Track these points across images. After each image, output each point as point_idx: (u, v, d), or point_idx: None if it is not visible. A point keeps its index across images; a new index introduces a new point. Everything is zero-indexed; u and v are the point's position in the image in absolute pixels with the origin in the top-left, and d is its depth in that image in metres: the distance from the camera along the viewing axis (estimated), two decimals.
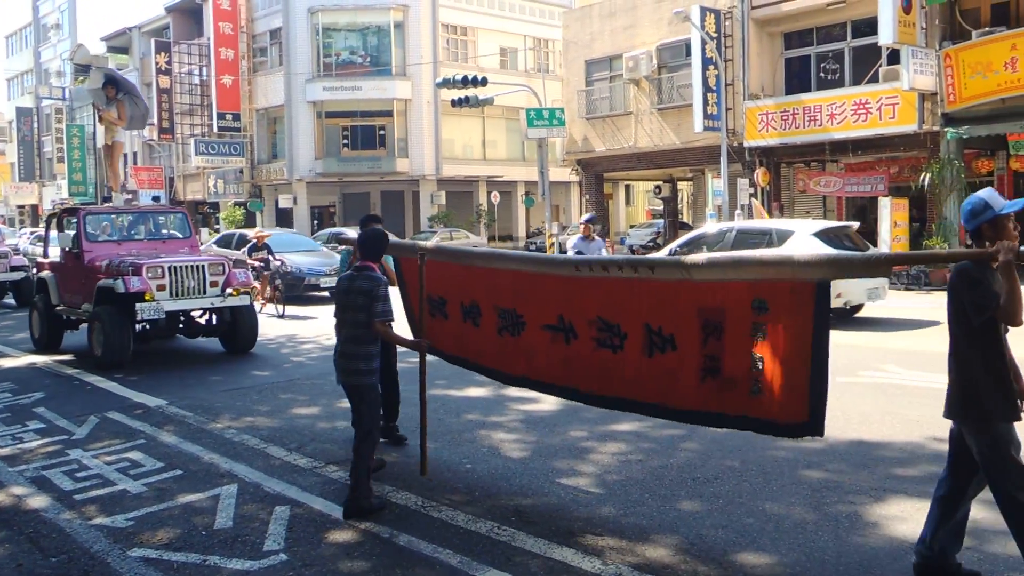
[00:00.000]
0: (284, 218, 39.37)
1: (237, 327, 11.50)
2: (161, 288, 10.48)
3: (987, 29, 17.20)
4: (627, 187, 43.87)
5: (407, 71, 37.92)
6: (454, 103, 28.14)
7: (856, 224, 13.98)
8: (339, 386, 5.54)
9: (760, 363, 4.28)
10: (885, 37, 17.33)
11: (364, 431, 5.36)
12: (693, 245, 13.83)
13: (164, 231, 12.56)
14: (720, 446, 6.54)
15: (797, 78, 22.08)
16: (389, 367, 6.79)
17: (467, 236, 36.24)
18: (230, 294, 10.97)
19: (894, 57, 18.53)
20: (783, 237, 12.83)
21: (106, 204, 12.25)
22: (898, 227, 18.29)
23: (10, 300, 19.63)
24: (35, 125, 62.87)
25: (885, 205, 18.35)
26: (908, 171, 19.72)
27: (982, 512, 5.03)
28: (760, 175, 21.29)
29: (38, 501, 5.69)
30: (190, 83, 43.41)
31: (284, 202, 39.15)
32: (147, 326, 11.02)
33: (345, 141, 38.60)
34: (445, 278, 6.13)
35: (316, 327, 14.51)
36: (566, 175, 32.08)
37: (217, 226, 40.93)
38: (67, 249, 11.69)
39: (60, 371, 10.69)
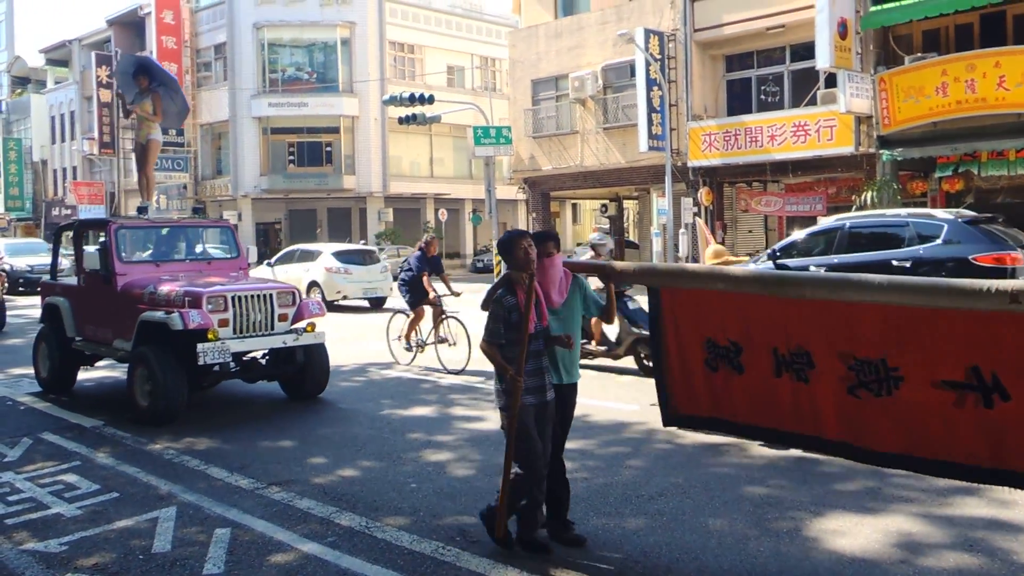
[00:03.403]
0: None
1: (308, 369, 9.30)
2: (223, 323, 8.38)
3: (919, 55, 17.77)
4: (574, 205, 44.21)
5: (354, 88, 37.79)
6: (401, 120, 28.02)
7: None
8: (279, 401, 5.39)
9: None
10: (822, 61, 17.79)
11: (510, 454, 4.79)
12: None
13: (208, 250, 10.46)
14: (664, 463, 6.60)
15: (739, 100, 22.52)
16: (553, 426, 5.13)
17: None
18: (304, 330, 8.94)
19: (831, 81, 19.02)
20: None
21: (142, 217, 10.24)
22: None
23: None
24: None
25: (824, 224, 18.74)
26: (846, 191, 20.21)
27: (917, 526, 5.17)
28: (704, 194, 21.63)
29: None
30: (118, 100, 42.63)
31: (229, 218, 38.61)
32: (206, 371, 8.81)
33: (291, 157, 38.28)
34: (713, 311, 4.47)
35: None
36: (513, 193, 32.22)
37: None
38: (90, 271, 9.43)
39: None
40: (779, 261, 11.54)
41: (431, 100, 26.75)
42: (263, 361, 9.61)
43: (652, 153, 22.09)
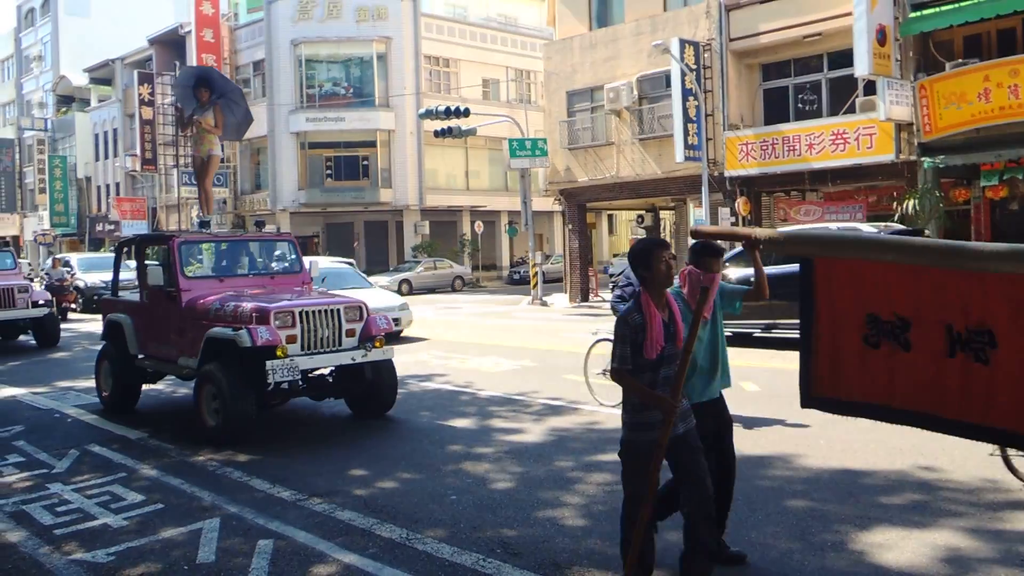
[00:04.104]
0: None
1: (377, 387, 9.02)
2: (291, 339, 8.16)
3: (960, 61, 17.50)
4: (610, 216, 44.14)
5: (390, 102, 38.13)
6: (437, 134, 28.27)
7: None
8: (317, 413, 5.35)
9: None
10: (861, 69, 17.60)
11: (626, 494, 4.35)
12: None
13: (270, 264, 10.20)
14: None
15: (776, 109, 22.34)
16: (720, 444, 4.90)
17: (451, 266, 36.32)
18: (372, 346, 8.65)
19: (870, 88, 18.81)
20: None
21: (204, 231, 10.19)
22: None
23: (29, 339, 17.69)
24: (17, 156, 62.60)
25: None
26: (886, 200, 19.95)
27: (965, 540, 5.07)
28: (741, 204, 21.48)
29: (17, 536, 5.61)
30: (173, 114, 43.34)
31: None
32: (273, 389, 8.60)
33: (328, 171, 38.68)
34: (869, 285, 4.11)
35: None
36: (549, 205, 32.25)
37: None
38: (153, 287, 9.30)
39: (40, 404, 10.57)
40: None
41: (466, 113, 26.95)
42: (329, 378, 9.28)
43: (688, 163, 21.98)
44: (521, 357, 13.59)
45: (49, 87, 61.47)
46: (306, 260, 10.34)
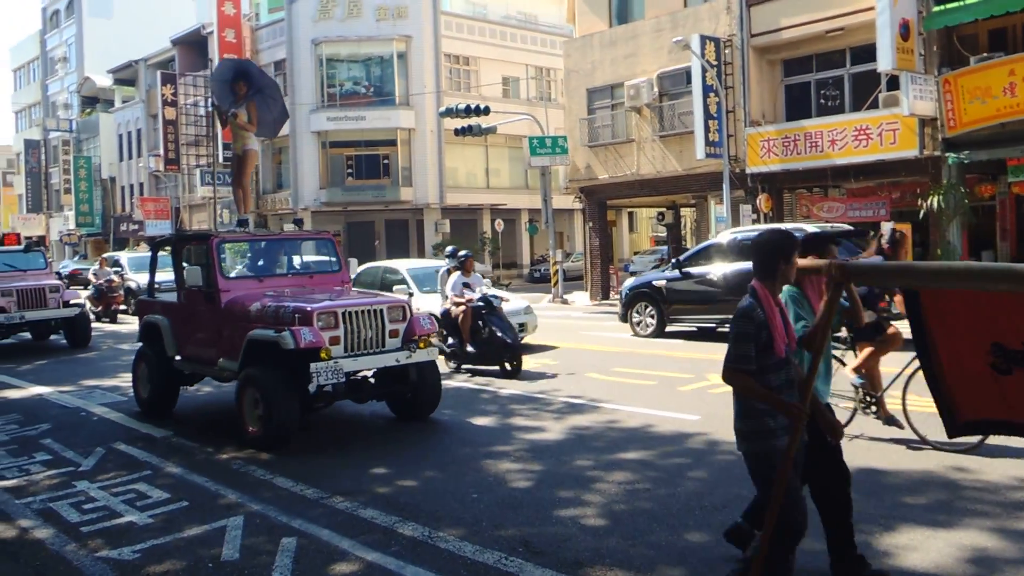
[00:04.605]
0: None
1: (421, 388, 8.76)
2: (335, 341, 7.90)
3: (985, 55, 17.31)
4: (630, 214, 44.01)
5: (410, 101, 38.20)
6: (457, 132, 28.30)
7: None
8: (340, 412, 5.31)
9: None
10: (884, 64, 17.44)
11: (765, 521, 3.93)
12: None
13: (308, 263, 9.96)
14: (728, 474, 6.51)
15: (797, 104, 22.18)
16: (828, 453, 4.61)
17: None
18: (417, 346, 8.40)
19: (893, 83, 18.63)
20: None
21: (243, 230, 9.93)
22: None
23: (60, 339, 17.62)
24: (43, 157, 63.40)
25: (887, 230, 18.36)
26: (910, 196, 19.76)
27: (992, 540, 5.02)
28: (763, 201, 21.35)
29: (45, 533, 5.68)
30: (196, 114, 43.77)
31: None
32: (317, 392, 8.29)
33: (349, 170, 38.82)
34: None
35: None
36: (569, 203, 32.18)
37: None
38: (191, 287, 8.96)
39: (66, 402, 10.69)
40: (685, 270, 15.15)
41: (487, 111, 26.94)
42: (371, 380, 8.93)
43: (709, 160, 21.88)
44: (542, 355, 13.59)
45: (74, 88, 62.15)
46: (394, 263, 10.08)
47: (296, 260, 9.90)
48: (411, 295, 13.15)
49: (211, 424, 9.31)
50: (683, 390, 10.15)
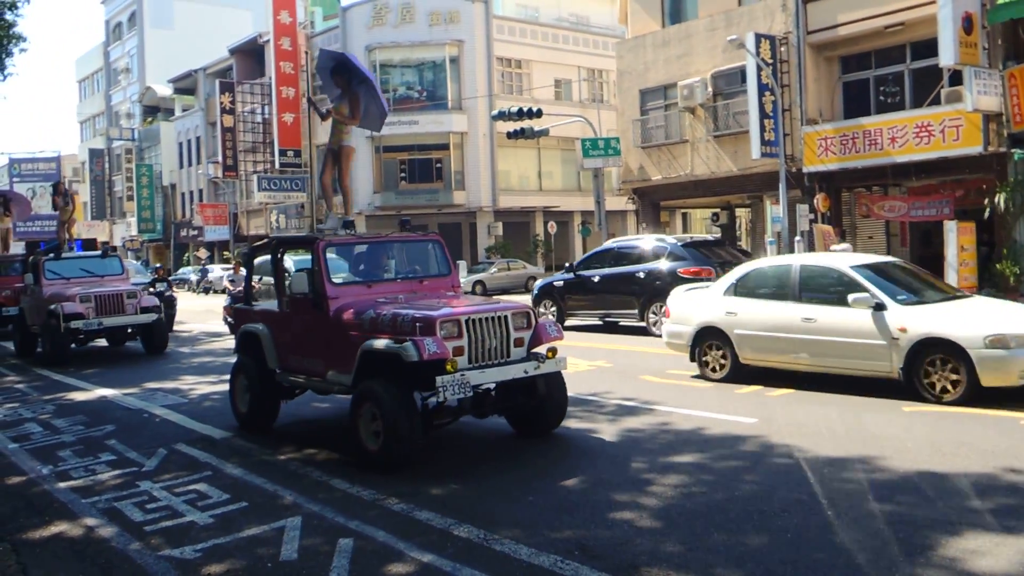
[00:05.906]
0: None
1: (546, 402, 8.06)
2: (459, 351, 7.17)
3: None
4: (684, 215, 43.49)
5: (463, 105, 38.42)
6: (510, 135, 28.40)
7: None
8: None
9: None
10: (946, 58, 17.03)
11: None
12: None
13: (417, 267, 9.12)
14: (786, 478, 6.40)
15: (856, 102, 21.75)
16: None
17: (524, 266, 36.39)
18: (545, 357, 7.64)
19: (956, 78, 18.17)
20: None
21: (349, 233, 9.20)
22: (965, 251, 17.79)
23: (136, 345, 17.44)
24: (106, 165, 65.21)
25: (951, 229, 17.88)
26: (974, 194, 19.23)
27: None
28: (820, 200, 20.97)
29: (109, 531, 5.82)
30: (253, 121, 44.60)
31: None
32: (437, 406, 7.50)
33: (403, 175, 39.18)
34: None
35: None
36: (622, 204, 32.02)
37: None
38: (295, 295, 8.38)
39: (130, 404, 10.95)
40: (578, 272, 17.84)
41: (539, 114, 26.98)
42: (492, 393, 8.05)
43: (765, 160, 21.57)
44: (595, 357, 13.53)
45: (136, 98, 63.83)
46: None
47: (405, 264, 9.17)
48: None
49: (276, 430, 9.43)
50: (740, 392, 10.00)
